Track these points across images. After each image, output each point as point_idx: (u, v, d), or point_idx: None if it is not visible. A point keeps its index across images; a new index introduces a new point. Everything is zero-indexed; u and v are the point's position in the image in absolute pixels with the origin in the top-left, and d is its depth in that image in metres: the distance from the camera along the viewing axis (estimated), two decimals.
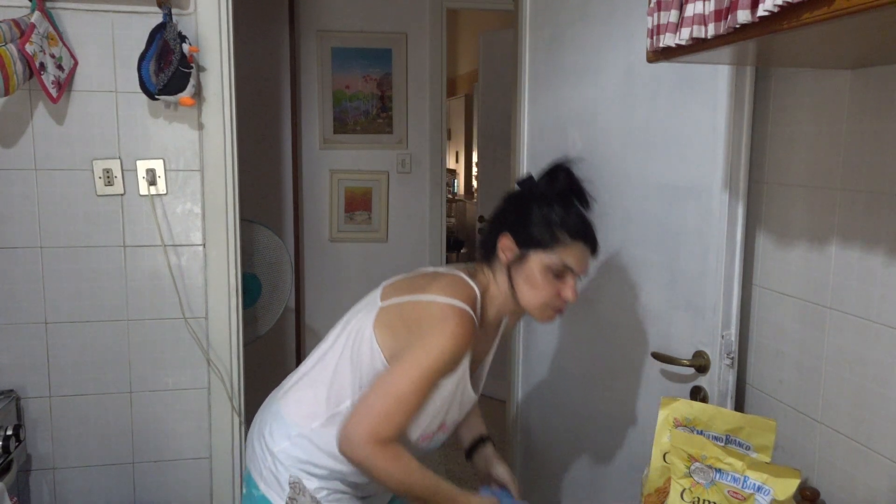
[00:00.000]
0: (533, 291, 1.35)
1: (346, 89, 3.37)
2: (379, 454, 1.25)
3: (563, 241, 1.33)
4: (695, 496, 1.14)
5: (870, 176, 1.15)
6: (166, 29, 1.85)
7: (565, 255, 1.33)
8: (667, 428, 1.25)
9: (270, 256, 2.93)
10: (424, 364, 1.26)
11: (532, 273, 1.34)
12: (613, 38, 1.75)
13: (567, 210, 1.35)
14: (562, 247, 1.33)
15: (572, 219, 1.34)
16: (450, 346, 1.26)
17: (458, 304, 1.29)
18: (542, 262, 1.33)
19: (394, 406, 1.26)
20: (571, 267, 1.33)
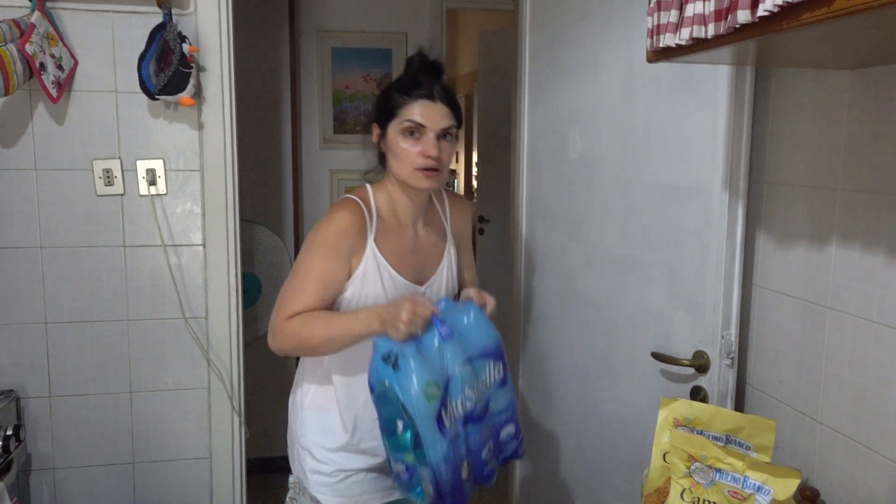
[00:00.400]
0: (399, 161, 1.45)
1: (346, 89, 3.37)
2: (290, 327, 1.39)
3: (405, 103, 1.44)
4: (695, 496, 1.14)
5: (870, 176, 1.15)
6: (166, 29, 1.85)
7: (411, 112, 1.43)
8: (667, 428, 1.25)
9: (270, 256, 2.93)
10: (312, 242, 1.42)
11: (394, 144, 1.45)
12: (613, 39, 1.75)
13: (410, 78, 1.46)
14: (405, 108, 1.43)
15: (406, 80, 1.46)
16: (330, 220, 1.42)
17: (342, 198, 1.47)
18: (395, 130, 1.44)
19: (294, 285, 1.42)
20: (418, 121, 1.42)
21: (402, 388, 1.23)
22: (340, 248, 1.41)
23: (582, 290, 1.94)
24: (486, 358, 1.37)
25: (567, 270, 2.01)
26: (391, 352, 1.26)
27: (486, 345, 1.37)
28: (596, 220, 1.86)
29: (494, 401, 1.39)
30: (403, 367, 1.24)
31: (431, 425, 1.24)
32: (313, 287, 1.41)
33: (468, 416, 1.32)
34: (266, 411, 3.33)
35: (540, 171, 2.18)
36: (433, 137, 1.42)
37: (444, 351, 1.30)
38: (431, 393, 1.24)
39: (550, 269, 2.12)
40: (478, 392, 1.34)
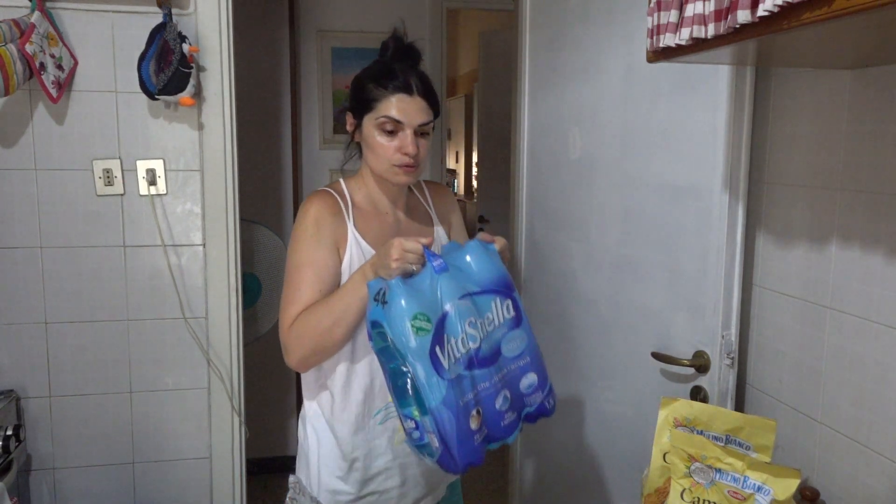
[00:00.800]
0: (374, 155, 1.39)
1: (346, 89, 3.36)
2: (294, 332, 1.33)
3: (382, 96, 1.36)
4: (695, 496, 1.14)
5: (870, 176, 1.15)
6: (166, 29, 1.85)
7: (388, 108, 1.36)
8: (667, 428, 1.25)
9: (270, 256, 2.93)
10: (293, 243, 1.38)
11: (369, 137, 1.39)
12: (613, 39, 1.75)
13: (386, 68, 1.39)
14: (382, 102, 1.36)
15: (383, 72, 1.39)
16: (303, 212, 1.37)
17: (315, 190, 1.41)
18: (371, 124, 1.38)
19: (288, 289, 1.36)
20: (396, 118, 1.35)
21: (390, 324, 1.14)
22: (322, 235, 1.36)
23: (582, 290, 1.94)
24: (491, 294, 1.23)
25: (567, 270, 2.01)
26: (381, 289, 1.17)
27: (490, 279, 1.24)
28: (596, 220, 1.86)
29: (507, 343, 1.24)
30: (390, 302, 1.14)
31: (425, 362, 1.13)
32: (307, 282, 1.34)
33: (472, 357, 1.19)
34: (266, 411, 3.33)
35: (540, 171, 2.18)
36: (411, 134, 1.36)
37: (438, 285, 1.18)
38: (420, 325, 1.13)
39: (550, 269, 2.12)
40: (483, 331, 1.20)
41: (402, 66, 1.40)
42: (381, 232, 1.44)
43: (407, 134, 1.36)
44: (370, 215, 1.44)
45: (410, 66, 1.41)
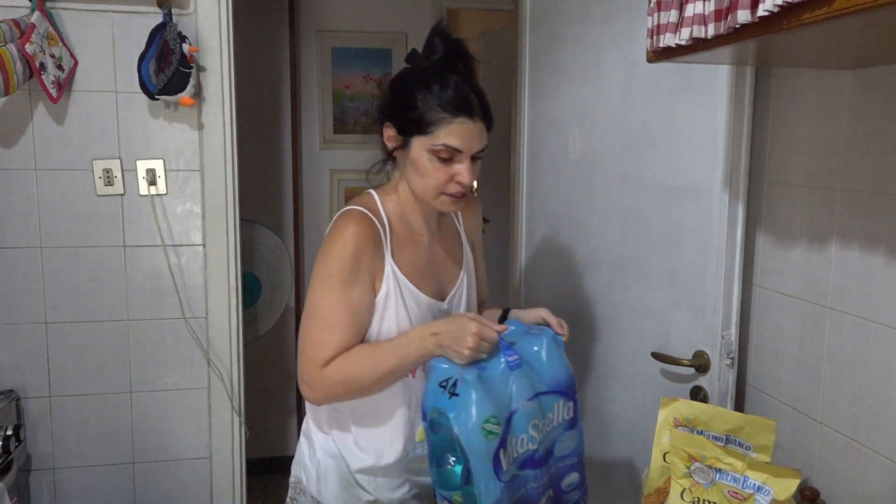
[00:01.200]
0: (422, 180, 1.24)
1: (346, 89, 3.37)
2: (329, 375, 1.21)
3: (443, 120, 1.20)
4: (695, 496, 1.14)
5: (870, 176, 1.15)
6: (166, 29, 1.85)
7: (447, 135, 1.20)
8: (667, 428, 1.25)
9: (270, 256, 2.93)
10: (324, 273, 1.22)
11: (419, 160, 1.23)
12: (613, 39, 1.74)
13: (443, 83, 1.21)
14: (442, 126, 1.20)
15: (449, 92, 1.20)
16: (343, 243, 1.21)
17: (347, 209, 1.25)
18: (424, 147, 1.22)
19: (319, 328, 1.22)
20: (456, 147, 1.21)
21: (458, 419, 1.07)
22: (360, 271, 1.22)
23: (582, 290, 1.94)
24: (556, 395, 1.18)
25: (567, 270, 2.01)
26: (450, 378, 1.10)
27: (557, 379, 1.18)
28: (596, 220, 1.86)
29: (560, 443, 1.20)
30: (462, 396, 1.07)
31: (487, 465, 1.08)
32: (343, 323, 1.21)
33: (528, 458, 1.14)
34: (266, 411, 3.33)
35: (540, 171, 2.18)
36: (468, 162, 1.23)
37: (510, 381, 1.12)
38: (491, 429, 1.07)
39: (550, 269, 2.12)
40: (542, 432, 1.16)
41: (459, 79, 1.22)
42: (415, 258, 1.31)
43: (464, 163, 1.23)
44: (405, 240, 1.31)
45: (466, 77, 1.23)
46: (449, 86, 1.21)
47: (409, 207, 1.33)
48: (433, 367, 1.15)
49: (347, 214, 1.25)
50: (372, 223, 1.25)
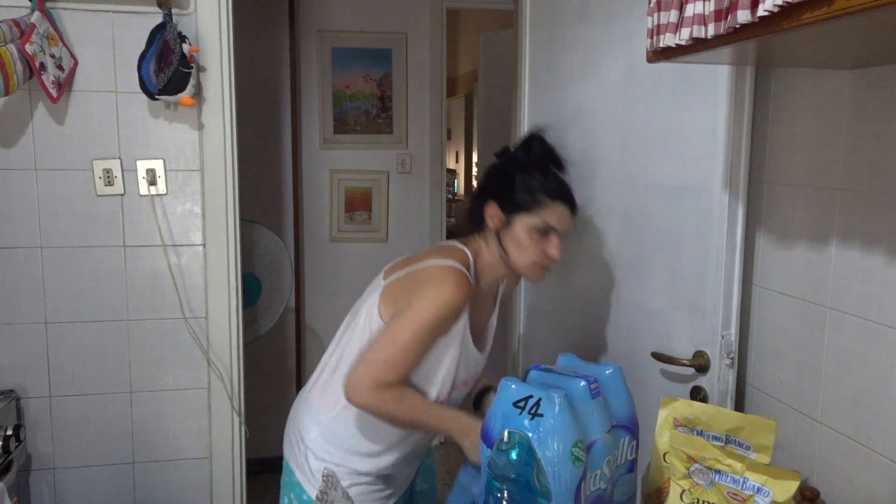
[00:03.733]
0: (521, 252, 1.45)
1: (346, 89, 3.37)
2: (383, 397, 1.36)
3: (544, 203, 1.43)
4: (694, 497, 1.14)
5: (870, 176, 1.15)
6: (166, 29, 1.85)
7: (547, 215, 1.43)
8: (667, 428, 1.25)
9: (270, 256, 2.93)
10: (424, 315, 1.36)
11: (519, 236, 1.44)
12: (613, 39, 1.74)
13: (545, 174, 1.46)
14: (543, 209, 1.43)
15: (551, 182, 1.45)
16: (446, 298, 1.36)
17: (452, 264, 1.41)
18: (526, 225, 1.43)
19: (395, 353, 1.37)
20: (554, 226, 1.44)
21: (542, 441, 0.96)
22: (448, 324, 1.40)
23: (582, 290, 1.94)
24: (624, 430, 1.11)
25: (567, 270, 2.01)
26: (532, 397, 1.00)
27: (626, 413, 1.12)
28: (596, 220, 1.86)
29: (619, 489, 1.13)
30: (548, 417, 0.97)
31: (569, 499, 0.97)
32: (413, 356, 1.38)
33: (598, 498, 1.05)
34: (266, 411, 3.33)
35: None
36: (558, 240, 1.45)
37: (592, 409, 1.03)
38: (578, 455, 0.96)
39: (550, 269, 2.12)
40: (612, 470, 1.09)
41: (557, 174, 1.47)
42: (477, 315, 1.51)
43: (556, 240, 1.44)
44: (476, 298, 1.49)
45: (562, 173, 1.49)
46: (551, 176, 1.46)
47: (491, 270, 1.51)
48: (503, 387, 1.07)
49: (456, 276, 1.39)
50: (469, 283, 1.41)
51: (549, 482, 0.97)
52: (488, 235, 1.49)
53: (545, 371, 1.14)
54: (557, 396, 0.99)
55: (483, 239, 1.50)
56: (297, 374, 3.41)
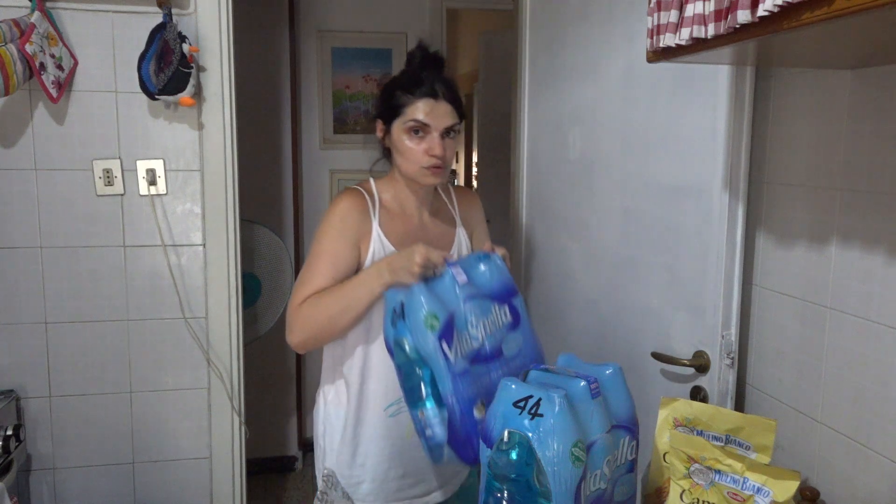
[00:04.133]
0: (404, 158, 1.48)
1: (346, 89, 3.37)
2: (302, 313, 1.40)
3: (409, 102, 1.45)
4: (694, 497, 1.14)
5: (870, 176, 1.15)
6: (166, 29, 1.85)
7: (414, 111, 1.44)
8: (667, 428, 1.25)
9: (270, 256, 2.93)
10: (316, 235, 1.45)
11: (398, 141, 1.47)
12: (613, 38, 1.74)
13: (413, 75, 1.48)
14: (409, 107, 1.45)
15: (409, 77, 1.48)
16: (331, 207, 1.46)
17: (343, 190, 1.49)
18: (400, 128, 1.46)
19: (302, 276, 1.44)
20: (423, 120, 1.44)
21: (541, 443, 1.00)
22: (345, 230, 1.44)
23: (582, 290, 1.94)
24: (624, 431, 1.14)
25: (567, 270, 2.01)
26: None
27: (628, 413, 1.16)
28: (596, 220, 1.86)
29: (619, 489, 1.15)
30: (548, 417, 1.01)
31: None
32: (322, 268, 1.42)
33: (598, 498, 1.09)
34: (266, 411, 3.33)
35: (540, 171, 2.18)
36: (437, 136, 1.45)
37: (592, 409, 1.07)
38: (578, 455, 1.01)
39: (550, 269, 2.12)
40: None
41: (428, 73, 1.48)
42: (404, 233, 1.51)
43: (434, 137, 1.44)
44: (396, 216, 1.52)
45: (436, 73, 1.49)
46: (417, 77, 1.47)
47: (402, 192, 1.54)
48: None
49: (343, 190, 1.50)
50: (361, 194, 1.48)
51: (550, 482, 0.98)
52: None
53: (545, 371, 1.15)
54: (557, 396, 1.00)
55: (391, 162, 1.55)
56: (297, 374, 3.41)
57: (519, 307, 1.36)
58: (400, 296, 1.26)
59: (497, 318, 1.32)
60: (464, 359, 1.23)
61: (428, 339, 1.19)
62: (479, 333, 1.27)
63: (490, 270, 1.35)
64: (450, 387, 1.19)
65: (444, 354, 1.20)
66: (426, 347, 1.20)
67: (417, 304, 1.22)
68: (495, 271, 1.35)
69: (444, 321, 1.22)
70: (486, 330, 1.29)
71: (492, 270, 1.35)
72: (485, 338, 1.28)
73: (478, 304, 1.29)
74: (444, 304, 1.25)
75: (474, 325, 1.27)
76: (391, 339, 1.26)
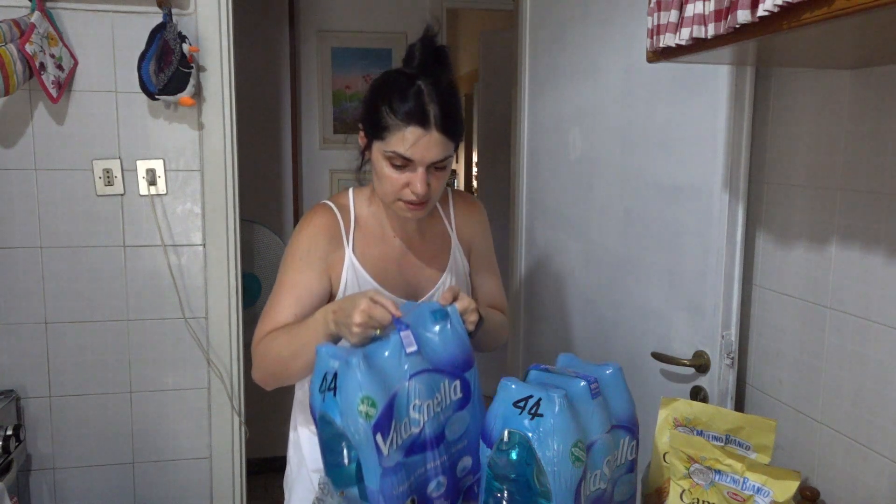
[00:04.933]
0: (379, 183, 1.25)
1: (346, 89, 3.37)
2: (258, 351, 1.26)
3: (393, 125, 1.18)
4: (694, 497, 1.14)
5: (870, 176, 1.15)
6: (166, 29, 1.85)
7: (398, 143, 1.18)
8: (667, 428, 1.25)
9: (270, 256, 2.93)
10: (283, 258, 1.30)
11: (377, 163, 1.23)
12: (613, 39, 1.74)
13: (403, 90, 1.19)
14: (393, 133, 1.18)
15: (406, 100, 1.18)
16: (298, 229, 1.30)
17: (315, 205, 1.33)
18: (379, 152, 1.22)
19: (268, 307, 1.29)
20: (406, 155, 1.18)
21: (541, 443, 0.98)
22: (311, 258, 1.27)
23: (582, 290, 1.94)
24: (624, 430, 1.11)
25: (567, 270, 2.01)
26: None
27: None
28: (596, 219, 1.86)
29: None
30: (548, 417, 0.98)
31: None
32: (285, 302, 1.26)
33: (598, 498, 1.06)
34: (266, 411, 3.33)
35: (540, 171, 2.18)
36: (422, 172, 1.20)
37: (592, 410, 1.04)
38: (578, 455, 0.98)
39: (550, 269, 2.12)
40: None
41: (425, 84, 1.20)
42: (382, 258, 1.32)
43: (418, 172, 1.20)
44: (374, 239, 1.33)
45: (434, 83, 1.21)
46: (408, 94, 1.19)
47: (384, 208, 1.34)
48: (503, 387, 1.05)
49: (314, 207, 1.32)
50: (333, 216, 1.30)
51: (550, 482, 0.98)
52: None
53: (545, 371, 1.14)
54: (558, 396, 0.99)
55: None
56: None
57: (472, 381, 1.14)
58: (333, 362, 1.04)
59: (445, 395, 1.12)
60: (399, 450, 1.05)
61: (359, 427, 1.00)
62: (421, 417, 1.07)
63: (444, 335, 1.11)
64: (377, 483, 1.02)
65: (376, 447, 1.02)
66: (356, 435, 1.01)
67: (353, 384, 1.01)
68: (450, 337, 1.12)
69: (382, 408, 1.02)
70: (429, 412, 1.08)
71: (446, 335, 1.11)
72: (426, 421, 1.08)
73: (425, 380, 1.08)
74: (385, 382, 1.04)
75: (417, 407, 1.06)
76: (317, 410, 1.06)
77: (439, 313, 1.12)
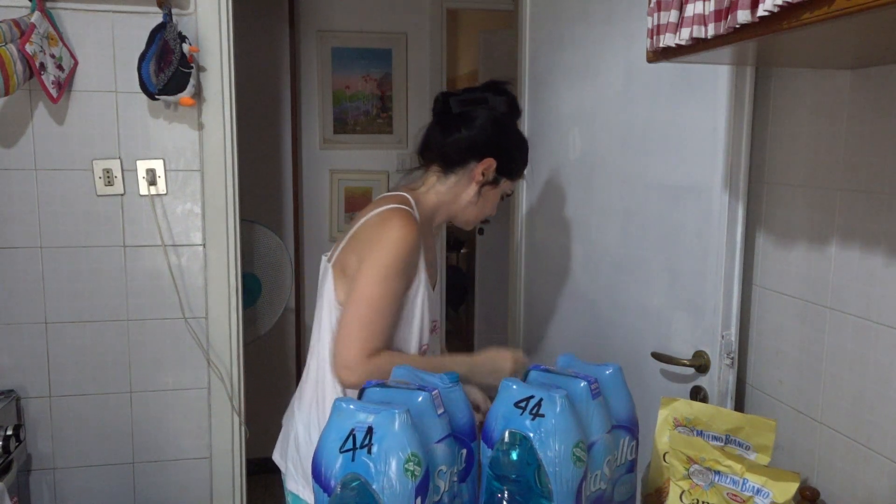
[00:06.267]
0: (479, 206, 1.49)
1: (346, 89, 3.37)
2: (376, 366, 1.27)
3: (519, 173, 1.53)
4: (694, 498, 1.14)
5: (870, 176, 1.15)
6: (166, 29, 1.84)
7: (516, 184, 1.57)
8: (667, 428, 1.25)
9: (270, 256, 2.93)
10: (382, 263, 1.30)
11: (492, 193, 1.49)
12: (613, 38, 1.74)
13: (524, 145, 1.52)
14: (518, 178, 1.54)
15: (526, 156, 1.53)
16: (399, 238, 1.31)
17: (391, 207, 1.36)
18: (503, 190, 1.50)
19: (371, 315, 1.30)
20: (509, 193, 1.54)
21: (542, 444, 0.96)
22: (408, 268, 1.35)
23: (582, 290, 1.94)
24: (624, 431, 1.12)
25: (567, 270, 2.01)
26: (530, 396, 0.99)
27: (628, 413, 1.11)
28: (596, 220, 1.86)
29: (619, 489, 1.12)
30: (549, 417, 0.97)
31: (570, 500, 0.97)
32: (390, 315, 1.32)
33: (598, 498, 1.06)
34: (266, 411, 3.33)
35: (540, 171, 2.18)
36: None
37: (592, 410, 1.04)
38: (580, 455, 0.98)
39: (550, 269, 2.12)
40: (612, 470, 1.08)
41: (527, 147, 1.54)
42: (428, 257, 1.45)
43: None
44: (425, 241, 1.44)
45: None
46: (526, 149, 1.52)
47: (430, 214, 1.48)
48: (504, 387, 1.03)
49: (399, 213, 1.34)
50: (416, 225, 1.35)
51: (551, 483, 0.98)
52: (450, 179, 1.46)
53: (545, 371, 1.14)
54: (559, 397, 0.99)
55: (438, 179, 1.47)
56: (297, 374, 3.41)
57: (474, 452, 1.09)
58: (366, 417, 0.93)
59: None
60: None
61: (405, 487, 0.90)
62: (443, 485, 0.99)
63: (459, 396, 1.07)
64: None
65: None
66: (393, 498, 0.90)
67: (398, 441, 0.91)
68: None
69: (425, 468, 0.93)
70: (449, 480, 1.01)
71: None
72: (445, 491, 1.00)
73: (449, 444, 1.02)
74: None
75: (442, 473, 0.99)
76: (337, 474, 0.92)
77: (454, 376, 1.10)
